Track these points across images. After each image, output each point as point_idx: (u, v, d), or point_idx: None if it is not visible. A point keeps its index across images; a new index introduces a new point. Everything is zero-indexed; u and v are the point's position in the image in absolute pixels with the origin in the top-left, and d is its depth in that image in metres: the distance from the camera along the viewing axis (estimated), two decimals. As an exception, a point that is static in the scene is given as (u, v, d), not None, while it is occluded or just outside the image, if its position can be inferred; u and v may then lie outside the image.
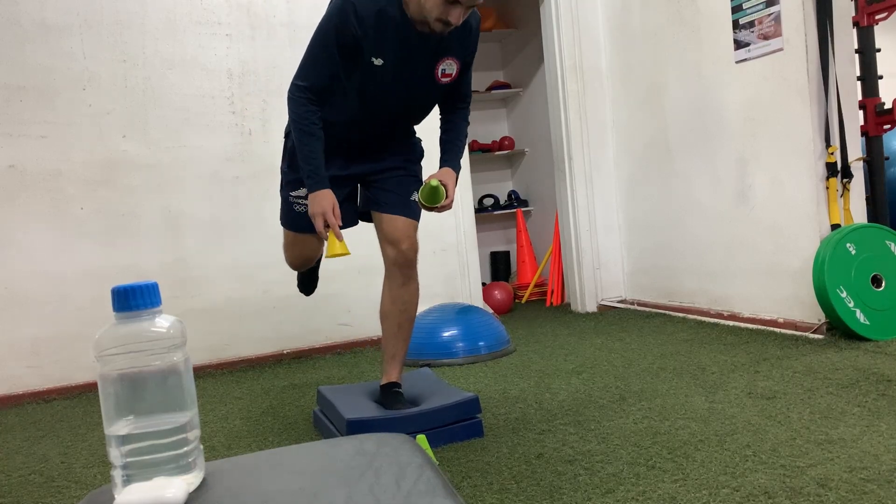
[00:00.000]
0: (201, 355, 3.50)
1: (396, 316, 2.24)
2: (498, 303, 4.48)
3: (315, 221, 2.04)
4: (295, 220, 2.28)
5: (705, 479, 1.64)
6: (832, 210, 2.94)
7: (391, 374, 2.26)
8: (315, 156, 2.05)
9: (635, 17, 3.92)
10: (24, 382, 3.27)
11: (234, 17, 3.59)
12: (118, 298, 0.79)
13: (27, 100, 3.28)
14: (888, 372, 2.33)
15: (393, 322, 2.25)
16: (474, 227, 4.09)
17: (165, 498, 0.73)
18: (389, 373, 2.27)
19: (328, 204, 2.03)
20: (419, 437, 1.87)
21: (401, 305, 2.24)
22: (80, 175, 3.36)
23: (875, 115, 3.18)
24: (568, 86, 4.17)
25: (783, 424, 1.95)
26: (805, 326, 3.02)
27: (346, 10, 1.93)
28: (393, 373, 2.27)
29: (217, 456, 2.16)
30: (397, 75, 2.04)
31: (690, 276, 3.73)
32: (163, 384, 0.79)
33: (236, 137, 3.59)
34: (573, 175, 4.22)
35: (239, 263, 3.61)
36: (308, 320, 3.70)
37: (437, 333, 3.24)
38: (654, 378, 2.57)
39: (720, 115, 3.39)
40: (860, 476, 1.57)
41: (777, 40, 3.03)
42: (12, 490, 2.04)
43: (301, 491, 0.78)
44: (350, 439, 0.94)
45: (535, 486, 1.70)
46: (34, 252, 3.29)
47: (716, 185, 3.47)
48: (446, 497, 0.74)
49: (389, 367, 2.27)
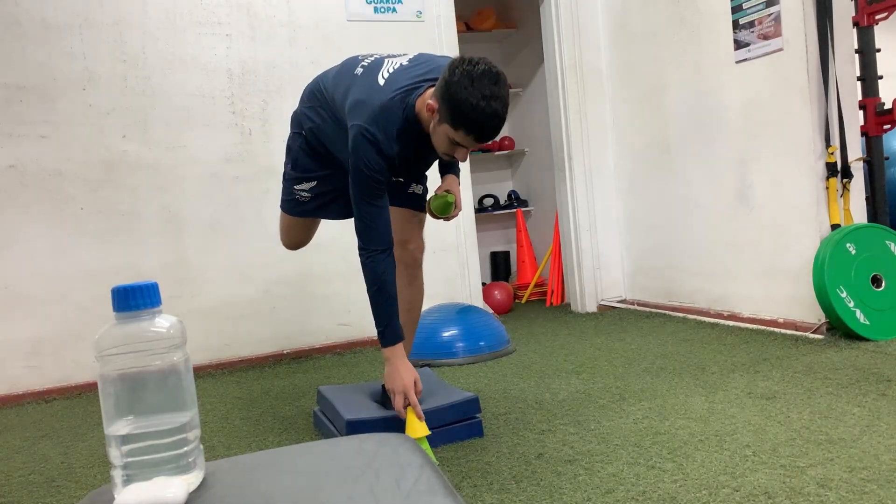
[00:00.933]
0: (201, 355, 3.50)
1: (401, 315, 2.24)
2: (498, 303, 4.48)
3: (394, 400, 1.96)
4: (296, 207, 2.36)
5: (705, 479, 1.64)
6: (832, 210, 2.94)
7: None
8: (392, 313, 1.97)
9: (635, 17, 3.92)
10: (24, 382, 3.27)
11: (234, 17, 3.59)
12: (118, 298, 0.79)
13: (27, 100, 3.28)
14: (888, 372, 2.33)
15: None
16: (474, 227, 4.09)
17: (165, 498, 0.73)
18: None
19: (409, 379, 1.95)
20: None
21: (406, 305, 2.24)
22: (80, 175, 3.36)
23: (875, 115, 3.18)
24: (568, 86, 4.17)
25: (783, 424, 1.95)
26: (805, 326, 3.02)
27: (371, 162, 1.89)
28: None
29: (217, 456, 2.16)
30: (411, 169, 2.16)
31: (690, 276, 3.73)
32: (163, 384, 0.79)
33: (236, 137, 3.59)
34: (573, 175, 4.22)
35: (239, 263, 3.61)
36: (308, 320, 3.70)
37: (437, 333, 3.24)
38: (654, 378, 2.57)
39: (720, 115, 3.39)
40: (860, 476, 1.57)
41: (777, 40, 3.03)
42: (12, 490, 2.04)
43: (301, 491, 0.78)
44: (350, 439, 0.94)
45: (535, 486, 1.70)
46: (34, 252, 3.29)
47: (716, 185, 3.47)
48: (446, 497, 0.74)
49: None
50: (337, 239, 3.59)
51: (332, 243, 3.61)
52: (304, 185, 2.28)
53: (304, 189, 2.28)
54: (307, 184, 2.29)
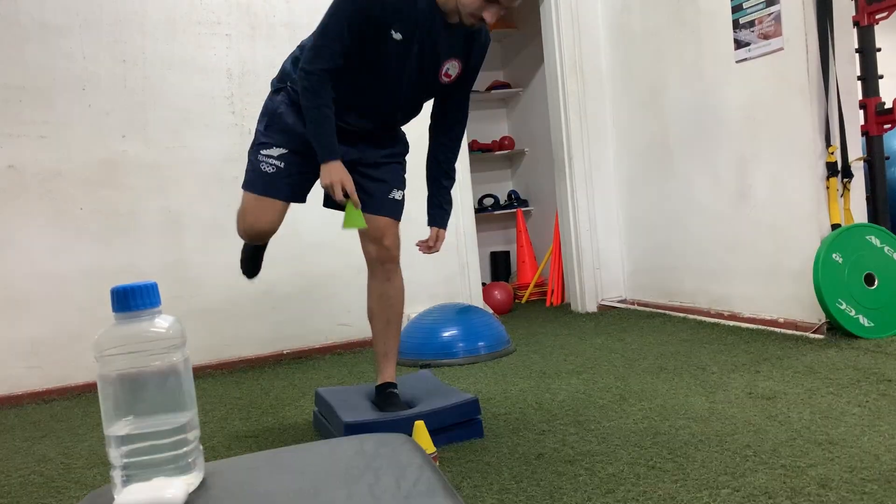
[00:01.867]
0: (201, 356, 3.50)
1: (384, 312, 2.26)
2: (498, 303, 4.48)
3: (333, 190, 1.99)
4: (260, 180, 2.16)
5: (706, 479, 1.64)
6: (832, 210, 2.94)
7: (385, 374, 2.26)
8: (330, 131, 2.00)
9: (635, 17, 3.91)
10: (23, 382, 3.26)
11: (233, 17, 3.59)
12: (118, 299, 0.78)
13: (27, 100, 3.28)
14: (888, 372, 2.33)
15: (381, 319, 2.26)
16: (474, 227, 4.09)
17: (165, 498, 0.73)
18: (383, 372, 2.26)
19: (344, 173, 2.00)
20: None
21: (386, 301, 2.25)
22: (80, 175, 3.35)
23: (875, 114, 3.18)
24: (568, 86, 4.17)
25: (783, 424, 1.94)
26: (805, 326, 3.02)
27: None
28: (387, 372, 2.26)
29: (217, 456, 2.16)
30: (411, 55, 2.01)
31: (690, 275, 3.73)
32: (162, 384, 0.79)
33: (236, 137, 3.59)
34: (573, 175, 4.21)
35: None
36: (308, 320, 3.70)
37: (437, 333, 3.24)
38: (654, 378, 2.57)
39: (720, 114, 3.39)
40: (861, 476, 1.57)
41: (777, 40, 3.03)
42: (12, 490, 2.04)
43: (301, 491, 0.78)
44: (350, 440, 0.93)
45: (535, 486, 1.70)
46: (34, 252, 3.29)
47: (716, 185, 3.47)
48: (446, 497, 0.74)
49: (382, 366, 2.27)
50: (336, 239, 3.58)
51: (332, 243, 3.61)
52: (274, 151, 2.13)
53: (271, 154, 2.13)
54: (277, 149, 2.14)
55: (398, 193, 2.24)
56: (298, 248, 3.61)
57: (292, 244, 3.61)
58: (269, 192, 2.15)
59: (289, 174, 2.16)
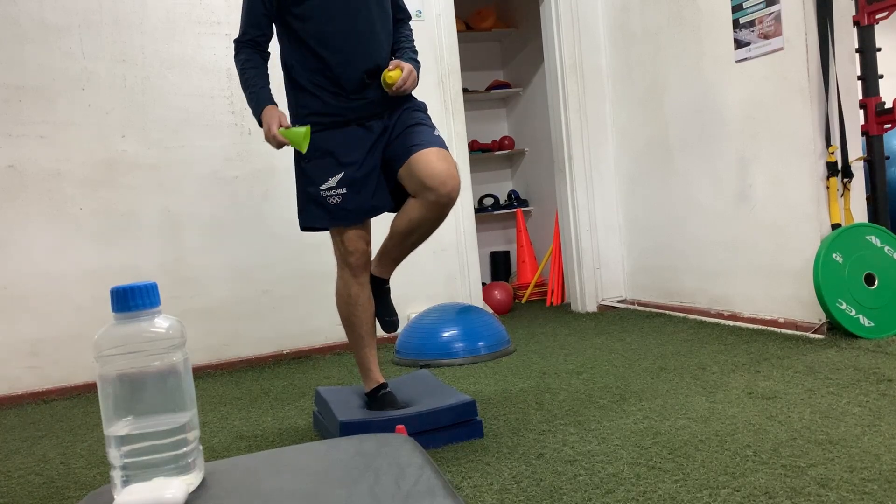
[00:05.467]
0: (201, 355, 3.50)
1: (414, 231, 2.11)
2: (498, 303, 4.48)
3: (270, 129, 2.01)
4: (339, 214, 2.08)
5: (706, 479, 1.64)
6: (833, 210, 2.94)
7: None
8: (256, 85, 2.13)
9: (635, 17, 3.91)
10: (23, 383, 3.26)
11: (233, 17, 3.58)
12: (117, 299, 0.78)
13: (27, 100, 3.28)
14: (889, 372, 2.33)
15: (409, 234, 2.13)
16: (474, 226, 4.09)
17: (165, 498, 0.73)
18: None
19: (271, 114, 2.05)
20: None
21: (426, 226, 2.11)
22: (80, 175, 3.35)
23: (876, 114, 3.18)
24: (568, 86, 4.17)
25: (784, 424, 1.94)
26: (805, 326, 3.02)
27: None
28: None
29: (217, 456, 2.16)
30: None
31: (691, 275, 3.73)
32: (162, 384, 0.79)
33: (236, 137, 3.59)
34: (573, 175, 4.21)
35: (239, 263, 3.60)
36: (308, 320, 3.70)
37: (436, 333, 3.24)
38: (654, 378, 2.57)
39: (720, 114, 3.38)
40: (861, 476, 1.57)
41: (777, 39, 3.02)
42: (12, 491, 2.04)
43: (301, 491, 0.78)
44: (350, 440, 0.93)
45: (535, 486, 1.70)
46: (34, 252, 3.28)
47: (716, 185, 3.47)
48: (446, 497, 0.74)
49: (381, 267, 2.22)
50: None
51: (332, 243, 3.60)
52: (331, 182, 2.05)
53: (331, 187, 2.06)
54: (332, 179, 2.05)
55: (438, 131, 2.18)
56: (298, 248, 3.61)
57: (292, 244, 3.62)
58: (352, 220, 2.11)
59: (357, 187, 2.09)
